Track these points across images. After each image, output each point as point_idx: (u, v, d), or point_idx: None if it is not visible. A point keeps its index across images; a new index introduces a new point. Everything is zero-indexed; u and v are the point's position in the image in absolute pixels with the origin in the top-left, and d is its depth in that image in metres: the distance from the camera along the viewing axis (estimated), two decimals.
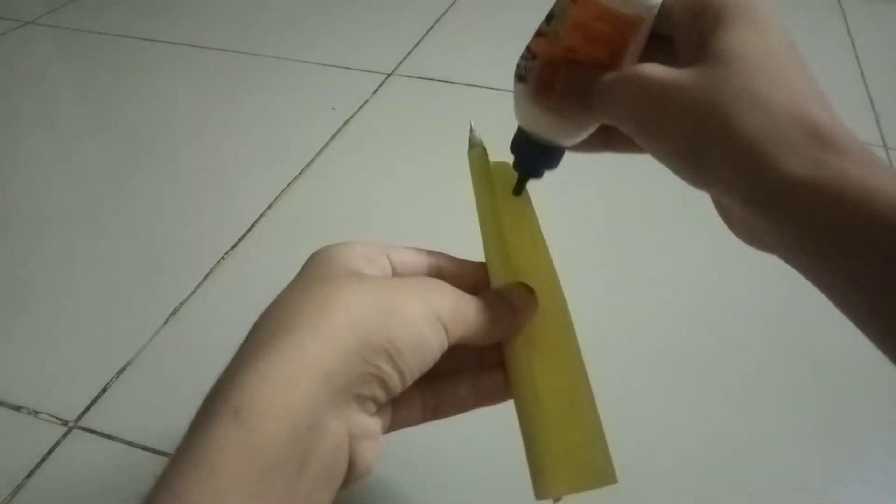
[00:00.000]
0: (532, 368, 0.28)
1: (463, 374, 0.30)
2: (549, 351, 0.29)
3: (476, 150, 0.33)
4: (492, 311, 0.27)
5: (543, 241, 0.32)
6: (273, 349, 0.22)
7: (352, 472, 0.23)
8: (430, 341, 0.24)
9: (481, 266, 0.31)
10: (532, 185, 0.35)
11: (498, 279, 0.30)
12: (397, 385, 0.24)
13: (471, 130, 0.34)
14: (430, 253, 0.30)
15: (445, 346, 0.25)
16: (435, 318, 0.24)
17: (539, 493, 0.27)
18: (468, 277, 0.31)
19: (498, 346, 0.29)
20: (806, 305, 0.59)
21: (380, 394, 0.23)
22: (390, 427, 0.28)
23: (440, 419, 0.30)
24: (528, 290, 0.29)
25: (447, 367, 0.28)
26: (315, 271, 0.26)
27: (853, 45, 1.10)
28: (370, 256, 0.27)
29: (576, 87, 0.27)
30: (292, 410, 0.21)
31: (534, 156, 0.32)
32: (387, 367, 0.23)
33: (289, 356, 0.22)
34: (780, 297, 0.66)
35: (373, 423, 0.24)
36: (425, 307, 0.24)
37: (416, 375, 0.24)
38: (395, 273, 0.29)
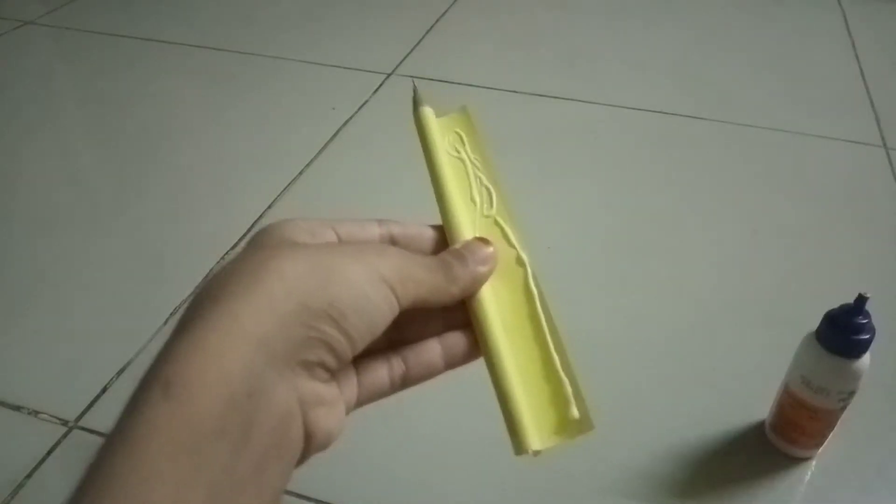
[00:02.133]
0: (494, 323, 0.28)
1: (430, 339, 0.29)
2: (512, 304, 0.29)
3: (422, 109, 0.33)
4: (445, 269, 0.27)
5: (501, 192, 0.32)
6: (204, 319, 0.21)
7: (311, 442, 0.22)
8: (376, 302, 0.23)
9: (438, 229, 0.31)
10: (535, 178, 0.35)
11: (455, 238, 0.30)
12: (346, 349, 0.22)
13: (414, 90, 0.33)
14: (380, 222, 0.30)
15: (396, 308, 0.24)
16: (379, 279, 0.23)
17: (516, 450, 0.26)
18: (424, 241, 0.30)
19: (464, 307, 0.29)
20: (798, 301, 0.59)
21: (328, 359, 0.22)
22: (359, 400, 0.27)
23: (412, 386, 0.28)
24: (484, 243, 0.29)
25: (414, 334, 0.28)
26: (253, 244, 0.25)
27: (853, 45, 1.10)
28: (313, 230, 0.27)
29: None
30: (226, 378, 0.20)
31: None
32: (331, 330, 0.22)
33: (220, 325, 0.21)
34: (774, 295, 0.67)
35: (327, 390, 0.23)
36: (367, 268, 0.23)
37: (368, 338, 0.23)
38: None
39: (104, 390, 0.59)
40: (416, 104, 0.33)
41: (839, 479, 0.52)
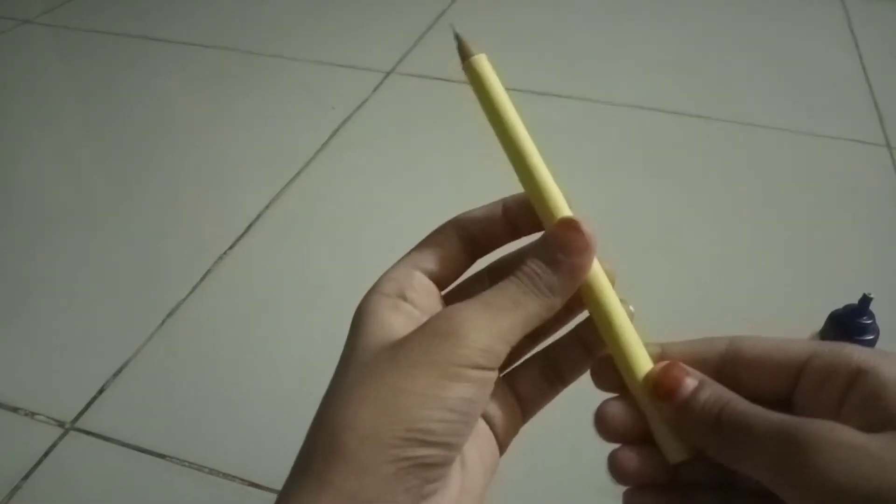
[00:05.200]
0: (615, 308, 0.26)
1: (570, 336, 0.28)
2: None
3: (479, 56, 0.26)
4: (534, 287, 0.24)
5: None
6: (299, 489, 0.23)
7: None
8: (459, 396, 0.22)
9: (501, 206, 0.28)
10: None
11: (553, 206, 0.25)
12: (446, 455, 0.23)
13: (457, 37, 0.26)
14: (455, 225, 0.27)
15: (491, 377, 0.23)
16: (455, 371, 0.23)
17: (680, 454, 0.25)
18: (500, 226, 0.27)
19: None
20: (793, 299, 0.59)
21: (431, 474, 0.22)
22: (528, 416, 0.27)
23: (570, 384, 0.27)
24: (572, 228, 0.25)
25: (551, 325, 0.27)
26: (345, 356, 0.25)
27: (856, 44, 1.09)
28: (395, 293, 0.26)
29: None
30: None
31: None
32: (420, 451, 0.22)
33: (311, 494, 0.22)
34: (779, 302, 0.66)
35: (444, 497, 0.23)
36: (438, 369, 0.23)
37: (469, 428, 0.23)
38: (436, 279, 0.27)
39: (101, 391, 0.59)
40: (467, 53, 0.26)
41: None
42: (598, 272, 0.26)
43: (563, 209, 0.25)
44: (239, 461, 0.53)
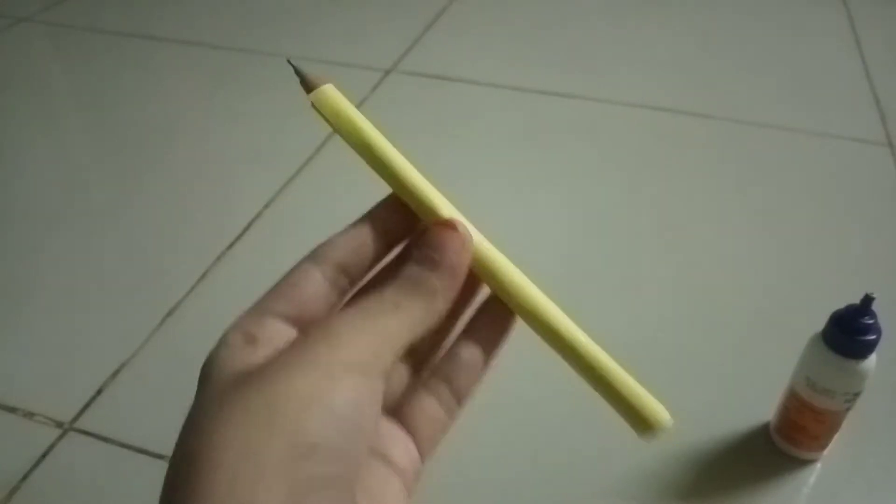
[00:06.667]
0: (531, 289, 0.24)
1: (459, 341, 0.25)
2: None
3: (326, 86, 0.26)
4: (416, 289, 0.22)
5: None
6: None
7: None
8: (346, 399, 0.19)
9: (367, 223, 0.27)
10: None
11: (432, 204, 0.25)
12: (347, 469, 0.19)
13: (297, 71, 0.27)
14: (315, 258, 0.24)
15: (380, 382, 0.20)
16: (338, 371, 0.19)
17: (655, 426, 0.23)
18: (367, 245, 0.25)
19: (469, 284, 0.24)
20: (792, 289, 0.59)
21: (334, 493, 0.18)
22: (424, 453, 0.24)
23: (468, 402, 0.25)
24: (446, 226, 0.23)
25: (432, 340, 0.25)
26: (201, 390, 0.21)
27: (857, 43, 1.09)
28: (243, 341, 0.22)
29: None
30: None
31: None
32: (312, 468, 0.18)
33: None
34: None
35: None
36: (315, 371, 0.19)
37: (362, 442, 0.20)
38: (296, 324, 0.23)
39: (99, 392, 0.58)
40: (310, 84, 0.26)
41: (844, 482, 0.52)
42: (486, 251, 0.24)
43: (443, 208, 0.24)
44: None
